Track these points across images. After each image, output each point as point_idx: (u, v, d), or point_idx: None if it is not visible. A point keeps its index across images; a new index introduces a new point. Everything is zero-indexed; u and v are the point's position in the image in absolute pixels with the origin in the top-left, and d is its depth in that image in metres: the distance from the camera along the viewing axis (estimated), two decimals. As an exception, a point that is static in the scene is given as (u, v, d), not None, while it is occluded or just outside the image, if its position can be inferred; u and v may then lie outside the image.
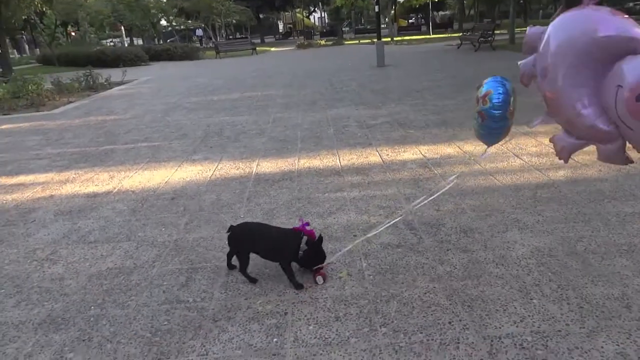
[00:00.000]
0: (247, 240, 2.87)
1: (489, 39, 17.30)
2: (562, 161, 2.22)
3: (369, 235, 3.15)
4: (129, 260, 3.26)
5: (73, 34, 43.24)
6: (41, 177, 5.37)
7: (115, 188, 4.81)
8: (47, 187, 4.99)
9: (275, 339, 2.34)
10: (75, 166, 5.73)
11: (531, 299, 2.50)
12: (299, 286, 2.77)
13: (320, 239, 2.78)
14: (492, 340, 2.21)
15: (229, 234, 2.90)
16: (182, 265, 3.14)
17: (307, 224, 2.87)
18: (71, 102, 11.41)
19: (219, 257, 3.21)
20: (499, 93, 2.32)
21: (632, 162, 1.98)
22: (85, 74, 13.82)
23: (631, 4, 41.67)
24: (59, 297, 2.86)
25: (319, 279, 2.80)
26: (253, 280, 2.88)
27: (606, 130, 1.85)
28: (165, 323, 2.54)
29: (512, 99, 2.35)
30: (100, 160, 5.92)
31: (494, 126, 2.44)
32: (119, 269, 3.15)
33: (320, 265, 2.82)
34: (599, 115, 1.84)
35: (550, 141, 2.21)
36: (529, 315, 2.37)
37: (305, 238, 2.76)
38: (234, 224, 2.96)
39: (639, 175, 4.08)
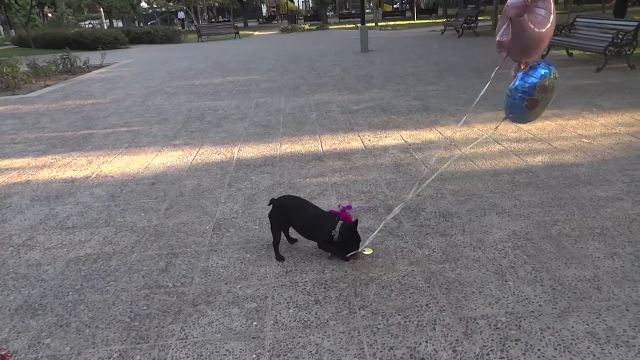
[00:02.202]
0: (283, 214, 2.88)
1: (472, 25, 17.33)
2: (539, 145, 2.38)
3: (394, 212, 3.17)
4: (107, 246, 3.23)
5: (50, 15, 41.97)
6: (17, 162, 5.25)
7: (93, 173, 4.73)
8: (23, 172, 4.88)
9: (255, 323, 2.36)
10: (52, 151, 5.62)
11: (506, 281, 2.56)
12: (346, 258, 2.83)
13: (355, 223, 2.75)
14: (467, 322, 2.26)
15: (270, 206, 2.92)
16: (161, 251, 3.12)
17: (349, 207, 2.86)
18: (48, 85, 11.12)
19: (199, 242, 3.20)
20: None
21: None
22: (63, 56, 13.47)
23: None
24: (36, 283, 2.83)
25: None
26: (281, 258, 2.90)
27: None
28: (145, 308, 2.53)
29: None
30: (78, 145, 5.80)
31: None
32: (98, 255, 3.12)
33: (354, 252, 2.81)
34: None
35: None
36: (503, 297, 2.43)
37: (340, 223, 2.74)
38: (275, 198, 2.97)
39: (613, 161, 4.18)
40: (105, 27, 38.37)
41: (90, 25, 41.13)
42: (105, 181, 4.49)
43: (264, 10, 62.26)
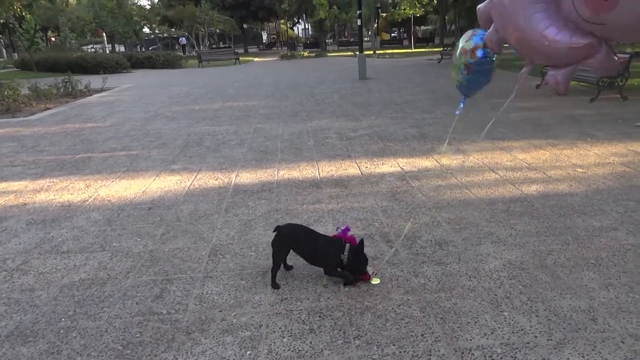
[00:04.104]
0: (291, 242, 2.91)
1: (469, 54, 17.65)
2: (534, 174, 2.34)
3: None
4: (102, 271, 3.22)
5: (53, 39, 42.64)
6: (14, 185, 5.26)
7: (90, 197, 4.74)
8: (20, 196, 4.89)
9: (248, 352, 2.34)
10: (50, 174, 5.63)
11: (502, 311, 2.56)
12: (350, 280, 2.87)
13: (361, 243, 2.83)
14: (462, 353, 2.25)
15: (275, 233, 2.94)
16: (156, 277, 3.11)
17: (348, 229, 2.94)
18: (49, 108, 11.22)
19: (194, 268, 3.19)
20: (485, 49, 2.51)
21: (625, 65, 2.03)
22: (64, 80, 13.62)
23: (605, 24, 42.98)
24: (28, 309, 2.80)
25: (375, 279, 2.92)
26: (277, 286, 2.90)
27: (586, 43, 1.85)
28: (138, 335, 2.50)
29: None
30: (76, 169, 5.83)
31: (482, 79, 2.66)
32: (92, 280, 3.10)
33: (362, 276, 2.88)
34: (572, 33, 1.87)
35: (546, 84, 2.28)
36: (499, 328, 2.42)
37: (347, 245, 2.82)
38: (281, 225, 3.01)
39: (607, 191, 4.22)
40: (108, 52, 38.97)
41: (93, 50, 41.73)
42: (102, 205, 4.49)
43: (265, 37, 63.47)
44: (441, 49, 23.49)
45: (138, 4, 41.41)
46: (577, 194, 4.20)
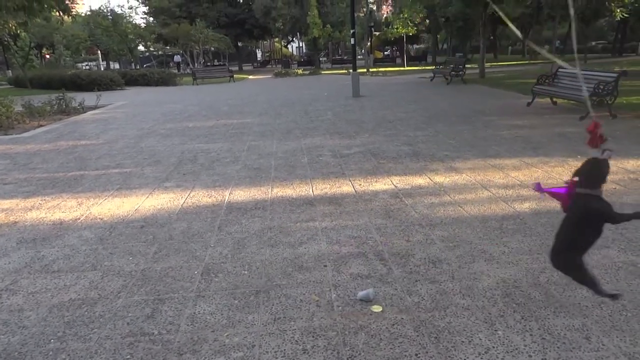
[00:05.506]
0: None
1: (460, 72, 17.92)
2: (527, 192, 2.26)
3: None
4: (93, 291, 3.18)
5: (48, 56, 42.77)
6: (5, 203, 5.21)
7: (82, 215, 4.70)
8: (10, 214, 4.84)
9: (241, 373, 2.31)
10: (42, 192, 5.59)
11: (496, 330, 2.55)
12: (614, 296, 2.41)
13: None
14: (457, 373, 2.23)
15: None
16: (148, 296, 3.07)
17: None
18: (42, 125, 11.20)
19: (187, 287, 3.16)
20: None
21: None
22: (58, 97, 13.62)
23: (593, 43, 43.96)
24: (16, 330, 2.75)
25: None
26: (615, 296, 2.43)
27: None
28: (128, 357, 2.47)
29: None
30: (68, 186, 5.79)
31: None
32: (83, 300, 3.06)
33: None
34: None
35: None
36: (493, 347, 2.41)
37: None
38: None
39: (599, 208, 4.24)
40: (102, 69, 39.12)
41: (88, 67, 41.89)
42: (94, 223, 4.46)
43: (259, 54, 64.08)
44: (433, 67, 23.84)
45: (133, 22, 41.77)
46: (569, 211, 4.22)
